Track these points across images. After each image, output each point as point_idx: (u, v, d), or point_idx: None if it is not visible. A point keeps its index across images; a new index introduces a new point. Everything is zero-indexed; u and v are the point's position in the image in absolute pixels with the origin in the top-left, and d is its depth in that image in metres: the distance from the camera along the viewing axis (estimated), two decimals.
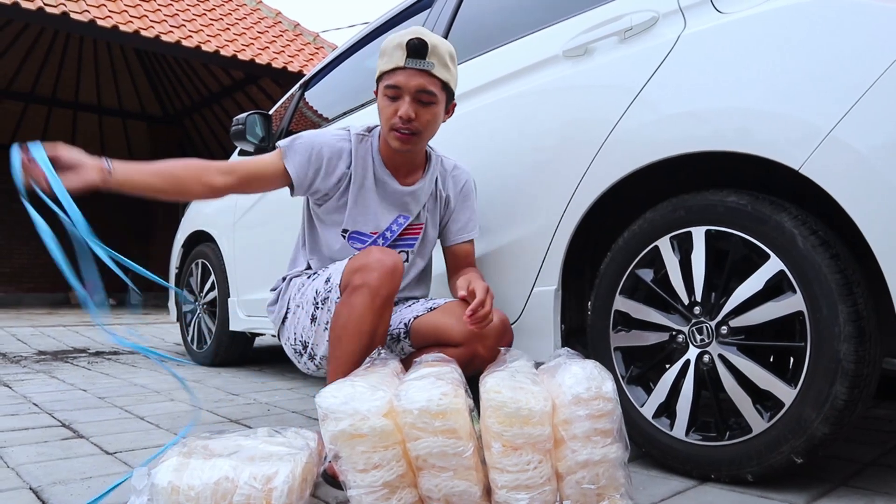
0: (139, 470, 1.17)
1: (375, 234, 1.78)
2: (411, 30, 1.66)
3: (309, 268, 1.85)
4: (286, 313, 1.80)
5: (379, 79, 1.70)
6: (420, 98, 1.65)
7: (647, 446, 1.54)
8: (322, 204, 1.79)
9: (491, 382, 1.21)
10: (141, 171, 1.52)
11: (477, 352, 1.62)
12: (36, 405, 2.29)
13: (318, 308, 1.68)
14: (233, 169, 1.66)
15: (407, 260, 1.84)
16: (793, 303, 1.31)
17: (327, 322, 1.64)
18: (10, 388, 2.64)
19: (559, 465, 1.18)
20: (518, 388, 1.18)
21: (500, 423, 1.14)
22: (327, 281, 1.67)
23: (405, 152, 1.73)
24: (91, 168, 1.40)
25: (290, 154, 1.71)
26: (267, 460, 1.19)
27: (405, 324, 1.76)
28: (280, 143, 1.74)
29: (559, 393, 1.20)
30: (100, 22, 7.29)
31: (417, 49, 1.62)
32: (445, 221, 1.91)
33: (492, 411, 1.16)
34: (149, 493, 1.13)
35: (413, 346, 1.78)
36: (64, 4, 7.23)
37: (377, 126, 1.81)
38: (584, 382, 1.19)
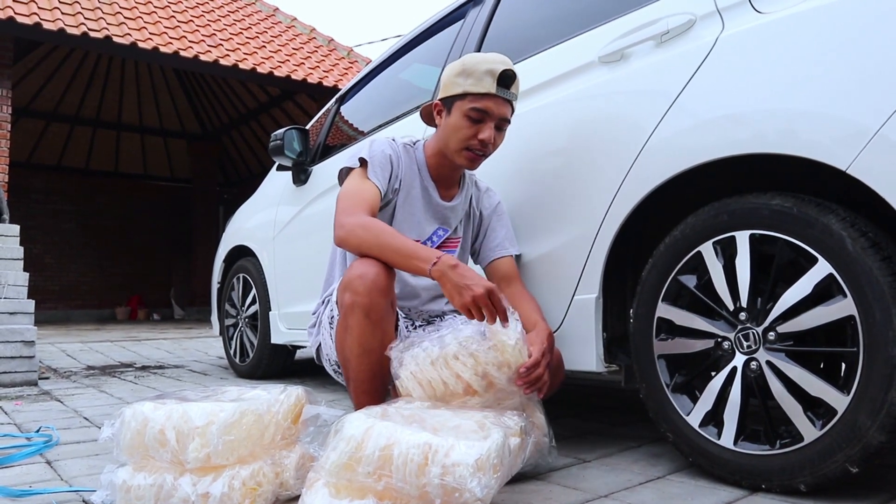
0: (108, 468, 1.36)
1: (418, 241, 1.78)
2: (501, 58, 1.70)
3: None
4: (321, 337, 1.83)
5: (460, 97, 1.70)
6: (500, 125, 1.72)
7: (693, 456, 1.51)
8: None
9: None
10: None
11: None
12: (86, 419, 2.35)
13: (333, 328, 1.71)
14: (370, 208, 1.66)
15: None
16: (843, 307, 1.27)
17: None
18: (61, 402, 2.71)
19: None
20: None
21: None
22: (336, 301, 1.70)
23: (472, 171, 1.83)
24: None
25: (371, 169, 1.71)
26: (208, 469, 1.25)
27: None
28: (362, 156, 1.72)
29: None
30: (141, 44, 7.52)
31: (509, 80, 1.68)
32: (481, 239, 1.92)
33: None
34: (108, 489, 1.31)
35: None
36: (107, 29, 7.46)
37: (419, 140, 1.86)
38: None
